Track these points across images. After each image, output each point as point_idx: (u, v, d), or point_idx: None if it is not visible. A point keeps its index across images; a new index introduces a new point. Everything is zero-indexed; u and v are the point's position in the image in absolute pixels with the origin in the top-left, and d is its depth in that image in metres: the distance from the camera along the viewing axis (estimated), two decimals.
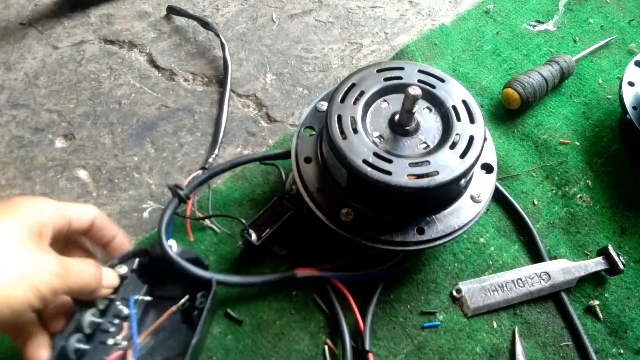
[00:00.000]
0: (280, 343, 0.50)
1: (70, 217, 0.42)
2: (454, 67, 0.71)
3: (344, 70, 0.71)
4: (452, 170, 0.45)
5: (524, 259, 0.57)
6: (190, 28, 0.74)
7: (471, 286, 0.54)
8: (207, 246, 0.55)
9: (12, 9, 0.74)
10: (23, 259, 0.35)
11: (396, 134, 0.49)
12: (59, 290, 0.36)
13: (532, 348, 0.52)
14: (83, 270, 0.39)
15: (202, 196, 0.58)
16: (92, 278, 0.40)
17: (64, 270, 0.37)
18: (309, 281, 0.53)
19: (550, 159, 0.64)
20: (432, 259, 0.56)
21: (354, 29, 0.76)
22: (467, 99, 0.50)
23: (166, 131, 0.64)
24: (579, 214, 0.60)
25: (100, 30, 0.73)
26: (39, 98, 0.66)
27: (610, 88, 0.71)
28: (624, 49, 0.75)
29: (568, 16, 0.78)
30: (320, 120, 0.54)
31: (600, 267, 0.55)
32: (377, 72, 0.51)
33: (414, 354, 0.51)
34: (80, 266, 0.39)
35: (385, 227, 0.48)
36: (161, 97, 0.67)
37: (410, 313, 0.53)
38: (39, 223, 0.38)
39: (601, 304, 0.54)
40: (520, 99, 0.64)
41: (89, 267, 0.40)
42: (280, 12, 0.77)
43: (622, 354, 0.52)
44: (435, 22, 0.77)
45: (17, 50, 0.70)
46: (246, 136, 0.64)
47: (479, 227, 0.58)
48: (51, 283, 0.35)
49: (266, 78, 0.70)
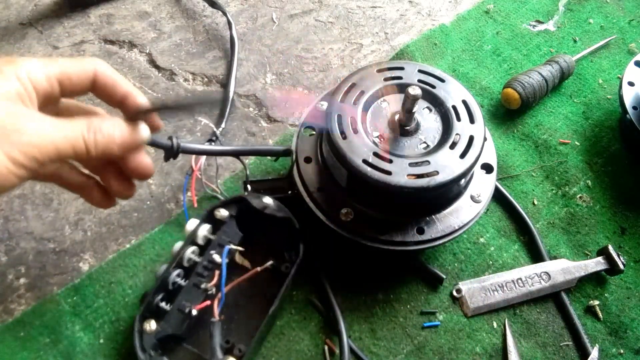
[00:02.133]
0: (280, 343, 0.50)
1: (66, 73, 0.37)
2: (454, 67, 0.71)
3: (344, 70, 0.71)
4: (452, 170, 0.45)
5: (524, 259, 0.57)
6: (190, 28, 0.74)
7: (471, 286, 0.54)
8: None
9: (12, 9, 0.74)
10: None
11: (396, 134, 0.49)
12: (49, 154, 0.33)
13: (532, 348, 0.52)
14: (74, 130, 0.34)
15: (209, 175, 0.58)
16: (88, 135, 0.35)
17: (47, 133, 0.33)
18: (309, 281, 0.53)
19: (550, 159, 0.64)
20: (432, 259, 0.56)
21: (354, 29, 0.76)
22: (467, 99, 0.50)
23: (166, 131, 0.64)
24: (579, 214, 0.60)
25: (100, 30, 0.73)
26: None
27: (610, 88, 0.71)
28: (624, 49, 0.75)
29: (568, 16, 0.78)
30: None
31: (600, 267, 0.55)
32: (377, 72, 0.51)
33: (414, 354, 0.51)
34: (69, 126, 0.34)
35: (385, 227, 0.48)
36: (161, 97, 0.67)
37: (410, 313, 0.53)
38: (17, 90, 0.33)
39: (601, 304, 0.54)
40: (520, 99, 0.64)
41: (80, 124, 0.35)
42: (280, 12, 0.77)
43: (622, 354, 0.52)
44: (435, 22, 0.77)
45: (17, 50, 0.70)
46: (246, 136, 0.64)
47: (479, 227, 0.58)
48: (32, 149, 0.32)
49: (266, 78, 0.70)
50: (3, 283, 0.52)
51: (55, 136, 0.33)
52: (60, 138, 0.33)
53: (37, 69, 0.35)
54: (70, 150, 0.34)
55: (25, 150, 0.32)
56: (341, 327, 0.49)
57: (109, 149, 0.36)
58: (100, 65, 0.39)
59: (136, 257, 0.54)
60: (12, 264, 0.53)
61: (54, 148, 0.33)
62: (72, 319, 0.50)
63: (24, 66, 0.34)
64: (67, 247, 0.55)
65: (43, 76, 0.35)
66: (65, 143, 0.34)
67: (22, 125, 0.32)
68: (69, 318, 0.50)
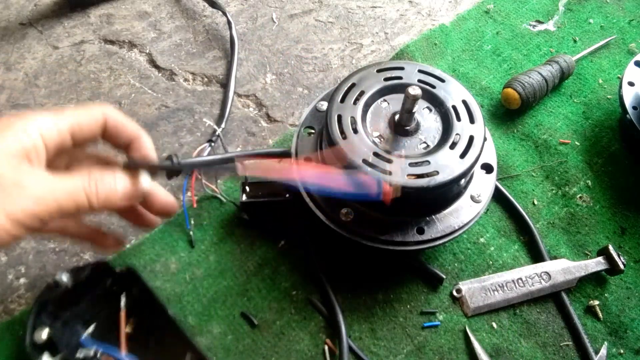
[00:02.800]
0: (280, 343, 0.50)
1: (77, 124, 0.37)
2: (454, 67, 0.71)
3: (344, 70, 0.71)
4: (452, 170, 0.45)
5: (524, 258, 0.57)
6: (190, 28, 0.74)
7: (471, 286, 0.54)
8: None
9: (12, 9, 0.74)
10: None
11: (396, 134, 0.49)
12: (50, 211, 0.33)
13: (532, 348, 0.52)
14: (75, 184, 0.35)
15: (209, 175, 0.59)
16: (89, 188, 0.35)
17: (49, 190, 0.33)
18: (309, 281, 0.53)
19: (550, 159, 0.64)
20: (432, 259, 0.56)
21: (354, 29, 0.76)
22: (467, 99, 0.50)
23: (166, 131, 0.64)
24: (579, 214, 0.60)
25: (100, 30, 0.73)
26: (39, 98, 0.66)
27: (610, 88, 0.71)
28: (624, 49, 0.75)
29: (568, 16, 0.78)
30: (320, 120, 0.54)
31: (600, 267, 0.55)
32: (377, 72, 0.51)
33: (414, 354, 0.51)
34: (71, 182, 0.35)
35: (385, 227, 0.48)
36: (161, 97, 0.67)
37: (410, 313, 0.53)
38: (23, 146, 0.33)
39: (601, 304, 0.54)
40: (520, 99, 0.64)
41: (81, 178, 0.35)
42: (280, 12, 0.77)
43: (622, 354, 0.52)
44: (435, 22, 0.77)
45: (17, 50, 0.70)
46: (246, 136, 0.64)
47: (479, 227, 0.58)
48: (34, 207, 0.32)
49: (266, 78, 0.70)
50: (3, 283, 0.52)
51: (56, 192, 0.34)
52: (62, 193, 0.34)
53: (48, 123, 0.35)
54: (72, 204, 0.34)
55: (26, 208, 0.32)
56: (341, 327, 0.49)
57: (111, 201, 0.36)
58: (109, 110, 0.39)
59: (136, 257, 0.54)
60: (12, 264, 0.53)
61: (56, 204, 0.33)
62: None
63: (35, 121, 0.35)
64: (67, 247, 0.55)
65: (55, 130, 0.36)
66: (67, 198, 0.34)
67: (23, 182, 0.32)
68: None
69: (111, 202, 0.36)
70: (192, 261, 0.54)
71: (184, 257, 0.55)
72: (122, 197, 0.37)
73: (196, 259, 0.54)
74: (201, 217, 0.57)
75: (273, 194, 0.54)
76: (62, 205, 0.33)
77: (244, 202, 0.53)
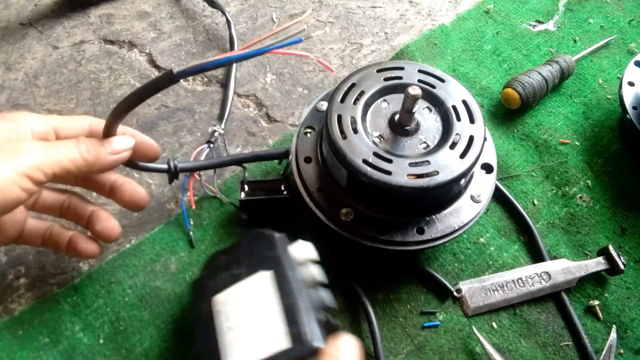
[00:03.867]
0: None
1: (61, 122, 0.43)
2: (454, 67, 0.71)
3: (344, 70, 0.71)
4: (452, 170, 0.45)
5: (524, 258, 0.57)
6: (190, 28, 0.74)
7: (471, 286, 0.54)
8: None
9: (12, 9, 0.74)
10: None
11: (396, 134, 0.49)
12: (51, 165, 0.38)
13: (532, 348, 0.52)
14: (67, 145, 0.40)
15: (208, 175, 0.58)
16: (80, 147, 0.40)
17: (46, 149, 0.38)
18: None
19: (550, 159, 0.64)
20: (432, 259, 0.56)
21: (354, 29, 0.76)
22: (467, 99, 0.50)
23: (166, 131, 0.64)
24: (579, 214, 0.60)
25: (100, 30, 0.73)
26: (39, 98, 0.66)
27: (610, 88, 0.71)
28: (624, 49, 0.75)
29: (568, 16, 0.78)
30: (320, 120, 0.54)
31: (600, 267, 0.55)
32: (377, 72, 0.51)
33: (414, 354, 0.51)
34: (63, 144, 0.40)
35: (385, 227, 0.48)
36: (161, 97, 0.67)
37: (410, 313, 0.53)
38: (16, 129, 0.40)
39: (601, 304, 0.54)
40: (520, 99, 0.64)
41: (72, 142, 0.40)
42: (280, 12, 0.77)
43: (622, 354, 0.52)
44: (435, 22, 0.77)
45: (17, 50, 0.70)
46: (246, 136, 0.64)
47: (479, 227, 0.58)
48: (36, 160, 0.37)
49: (266, 78, 0.70)
50: (3, 283, 0.52)
51: (52, 152, 0.39)
52: (58, 151, 0.39)
53: (35, 118, 0.42)
54: (68, 161, 0.39)
55: (29, 162, 0.37)
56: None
57: (101, 159, 0.41)
58: (94, 119, 0.45)
59: (136, 257, 0.54)
60: (12, 264, 0.53)
61: (55, 160, 0.38)
62: (72, 318, 0.50)
63: (24, 115, 0.41)
64: None
65: (40, 123, 0.42)
66: (64, 156, 0.39)
67: (22, 146, 0.38)
68: (68, 318, 0.50)
69: (101, 159, 0.41)
70: (192, 261, 0.54)
71: (184, 257, 0.55)
72: (111, 152, 0.42)
73: (196, 259, 0.54)
74: (201, 217, 0.57)
75: (272, 192, 0.54)
76: (59, 161, 0.39)
77: (242, 200, 0.53)
